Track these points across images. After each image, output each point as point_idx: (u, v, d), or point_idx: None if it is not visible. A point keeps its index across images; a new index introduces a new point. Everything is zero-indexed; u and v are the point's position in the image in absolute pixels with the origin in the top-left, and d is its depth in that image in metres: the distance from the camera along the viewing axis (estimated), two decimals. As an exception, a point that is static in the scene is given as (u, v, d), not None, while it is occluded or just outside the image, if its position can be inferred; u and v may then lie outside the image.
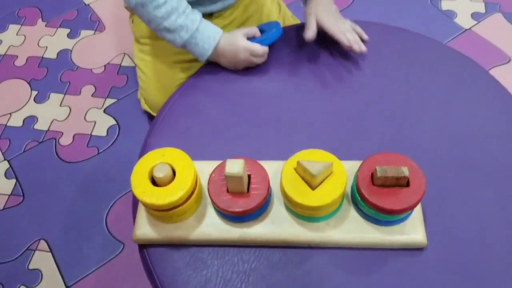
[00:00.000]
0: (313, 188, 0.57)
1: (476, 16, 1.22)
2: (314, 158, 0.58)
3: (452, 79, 0.77)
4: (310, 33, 0.76)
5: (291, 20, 1.00)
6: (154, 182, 0.59)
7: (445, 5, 1.25)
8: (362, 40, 0.78)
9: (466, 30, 1.19)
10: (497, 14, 1.22)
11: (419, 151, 0.64)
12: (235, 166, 0.55)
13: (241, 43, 0.75)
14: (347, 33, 0.77)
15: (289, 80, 0.79)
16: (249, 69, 0.78)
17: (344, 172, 0.58)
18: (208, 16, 0.86)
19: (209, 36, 0.75)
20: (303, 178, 0.58)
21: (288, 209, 0.60)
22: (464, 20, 1.22)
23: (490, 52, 1.15)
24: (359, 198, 0.57)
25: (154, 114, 0.99)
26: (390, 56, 0.80)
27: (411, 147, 0.65)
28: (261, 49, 0.75)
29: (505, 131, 0.71)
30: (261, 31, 0.80)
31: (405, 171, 0.55)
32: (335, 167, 0.58)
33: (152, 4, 0.73)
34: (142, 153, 0.76)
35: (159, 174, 0.58)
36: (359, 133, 0.71)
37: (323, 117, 0.73)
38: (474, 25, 1.20)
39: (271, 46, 0.77)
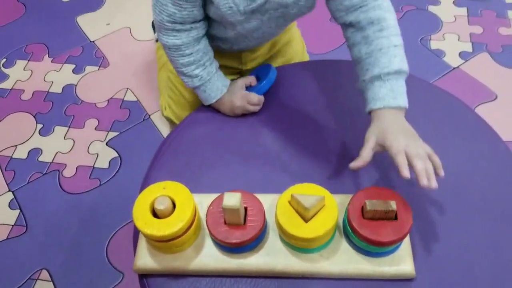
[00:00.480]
0: (306, 220, 0.60)
1: (463, 55, 1.27)
2: (307, 191, 0.61)
3: (439, 117, 0.81)
4: (355, 164, 0.63)
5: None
6: (155, 213, 0.63)
7: (434, 45, 1.30)
8: (436, 174, 0.61)
9: (454, 68, 1.24)
10: (484, 54, 1.27)
11: (407, 186, 0.68)
12: (232, 199, 0.58)
13: (238, 93, 0.80)
14: (416, 159, 0.60)
15: (284, 118, 0.82)
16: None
17: (336, 205, 0.61)
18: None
19: (217, 88, 0.81)
20: (297, 211, 0.61)
21: (283, 240, 0.63)
22: (452, 59, 1.26)
23: (477, 89, 1.19)
24: (350, 231, 0.60)
25: (177, 122, 1.04)
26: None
27: (399, 182, 0.69)
28: (257, 98, 0.80)
29: (490, 167, 0.75)
30: (257, 76, 0.85)
31: (393, 205, 0.59)
32: (327, 201, 0.61)
33: (178, 52, 0.78)
34: (144, 184, 0.79)
35: (160, 207, 0.61)
36: (347, 162, 0.75)
37: (315, 153, 0.77)
38: (462, 64, 1.25)
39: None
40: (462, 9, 1.39)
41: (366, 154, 0.63)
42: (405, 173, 0.59)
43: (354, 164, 0.63)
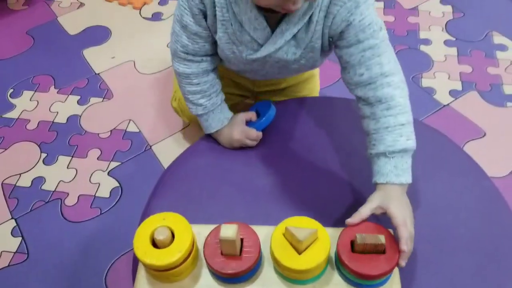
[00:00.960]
0: (299, 252, 0.63)
1: (453, 93, 1.31)
2: (301, 224, 0.65)
3: (427, 154, 0.84)
4: (352, 220, 0.66)
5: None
6: (154, 243, 0.66)
7: (425, 83, 1.34)
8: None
9: (444, 106, 1.28)
10: (473, 92, 1.31)
11: None
12: (229, 231, 0.62)
13: (238, 128, 0.85)
14: (409, 240, 0.64)
15: (281, 152, 0.86)
16: (244, 142, 0.86)
17: (328, 238, 0.64)
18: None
19: (219, 119, 0.85)
20: (290, 243, 0.64)
21: (277, 271, 0.66)
22: (442, 97, 1.30)
23: (466, 127, 1.23)
24: (340, 264, 0.63)
25: (181, 115, 1.14)
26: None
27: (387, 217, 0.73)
28: (255, 134, 0.84)
29: (476, 203, 0.78)
30: (257, 111, 0.89)
31: (382, 238, 0.62)
32: (319, 234, 0.64)
33: (186, 80, 0.84)
34: (145, 214, 0.82)
35: (159, 237, 0.65)
36: (342, 202, 0.78)
37: (310, 187, 0.81)
38: (451, 102, 1.29)
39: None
40: (452, 49, 1.44)
41: (364, 213, 0.67)
42: (403, 262, 0.62)
43: (351, 220, 0.66)
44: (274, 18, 0.73)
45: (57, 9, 1.68)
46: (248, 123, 0.87)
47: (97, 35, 1.57)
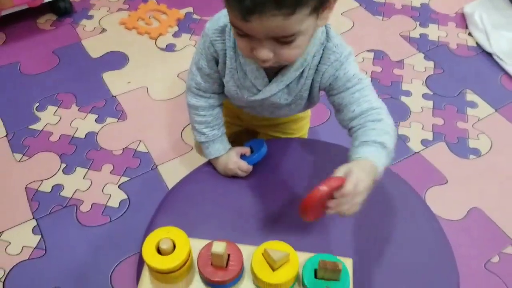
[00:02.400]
0: (273, 270, 0.78)
1: (424, 142, 1.48)
2: (277, 247, 0.80)
3: (388, 196, 1.00)
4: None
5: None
6: (159, 251, 0.82)
7: (401, 130, 1.51)
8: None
9: (415, 153, 1.45)
10: (442, 143, 1.48)
11: (354, 250, 0.87)
12: (219, 247, 0.78)
13: (233, 159, 0.99)
14: (346, 192, 0.69)
15: (268, 184, 1.00)
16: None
17: (297, 261, 0.80)
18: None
19: (217, 149, 1.00)
20: (267, 262, 0.79)
21: (255, 283, 0.81)
22: (414, 145, 1.47)
23: (432, 173, 1.39)
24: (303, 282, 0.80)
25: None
26: None
27: (349, 246, 0.89)
28: (246, 167, 0.98)
29: (423, 239, 0.94)
30: (251, 148, 1.06)
31: (340, 266, 0.79)
32: (291, 257, 0.80)
33: (195, 111, 0.99)
34: (150, 225, 0.96)
35: (163, 246, 0.80)
36: (313, 230, 0.94)
37: (290, 216, 0.94)
38: (422, 150, 1.46)
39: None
40: (429, 102, 1.61)
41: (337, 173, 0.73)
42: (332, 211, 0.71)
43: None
44: (272, 70, 0.89)
45: (81, 32, 1.85)
46: (242, 156, 1.03)
47: (116, 60, 1.74)
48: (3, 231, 1.24)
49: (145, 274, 0.84)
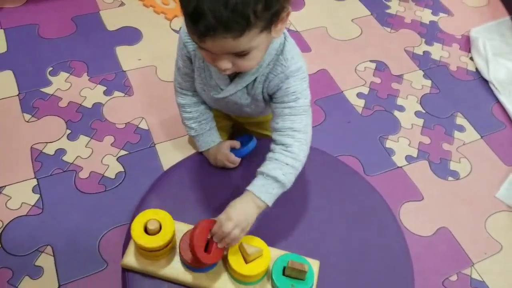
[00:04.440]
0: (247, 262, 0.87)
1: (408, 158, 1.55)
2: (253, 242, 0.88)
3: (360, 207, 1.09)
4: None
5: None
6: (146, 230, 0.90)
7: (388, 144, 1.58)
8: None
9: (398, 167, 1.52)
10: (424, 161, 1.55)
11: (322, 254, 0.96)
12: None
13: (222, 150, 1.08)
14: (216, 231, 0.85)
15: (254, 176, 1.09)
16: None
17: (269, 257, 0.88)
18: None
19: (206, 142, 1.09)
20: (242, 254, 0.87)
21: (228, 272, 0.89)
22: (398, 159, 1.54)
23: (410, 189, 1.47)
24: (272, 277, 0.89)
25: None
26: (322, 182, 1.11)
27: (319, 250, 0.98)
28: (235, 159, 1.07)
29: (387, 250, 1.01)
30: (241, 142, 1.14)
31: (306, 267, 0.88)
32: (264, 253, 0.88)
33: (182, 109, 1.09)
34: (141, 204, 1.04)
35: (150, 226, 0.88)
36: (289, 231, 1.00)
37: (269, 213, 1.03)
38: (405, 165, 1.53)
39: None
40: (419, 120, 1.68)
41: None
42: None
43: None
44: (234, 73, 0.96)
45: (101, 3, 1.91)
46: (232, 149, 1.10)
47: (130, 35, 1.80)
48: (5, 186, 1.33)
49: (130, 248, 0.93)
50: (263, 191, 0.88)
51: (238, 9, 0.72)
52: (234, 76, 0.97)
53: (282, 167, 0.89)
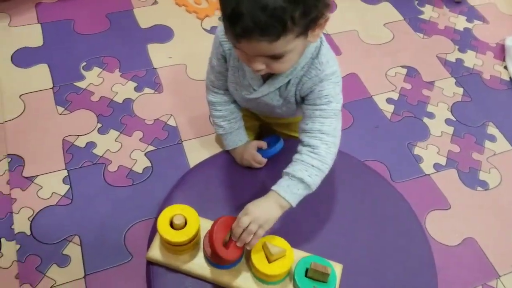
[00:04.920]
0: (269, 261, 0.88)
1: (437, 166, 1.53)
2: (277, 243, 0.89)
3: (386, 213, 1.08)
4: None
5: None
6: (172, 224, 0.92)
7: (417, 151, 1.56)
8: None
9: (425, 175, 1.50)
10: (453, 170, 1.53)
11: (346, 257, 0.96)
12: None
13: (249, 150, 1.09)
14: (234, 227, 0.86)
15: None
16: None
17: (292, 258, 0.89)
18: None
19: (234, 141, 1.10)
20: (265, 253, 0.88)
21: (250, 270, 0.91)
22: (427, 167, 1.52)
23: (437, 197, 1.45)
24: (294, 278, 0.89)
25: None
26: (349, 186, 1.11)
27: (343, 253, 0.97)
28: (261, 159, 1.08)
29: (412, 258, 1.01)
30: (268, 143, 1.14)
31: (329, 270, 0.88)
32: (287, 253, 0.89)
33: (212, 107, 1.11)
34: (167, 199, 1.05)
35: (176, 221, 0.90)
36: (314, 233, 1.01)
37: (294, 214, 1.01)
38: (433, 173, 1.51)
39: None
40: (449, 128, 1.66)
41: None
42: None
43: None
44: (267, 74, 0.97)
45: (135, 0, 1.94)
46: (259, 150, 1.11)
47: (162, 33, 1.82)
48: (37, 175, 1.36)
49: (156, 242, 0.95)
50: (287, 191, 0.89)
51: (276, 14, 0.73)
52: (267, 77, 0.98)
53: (308, 168, 0.90)
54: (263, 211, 0.86)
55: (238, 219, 0.85)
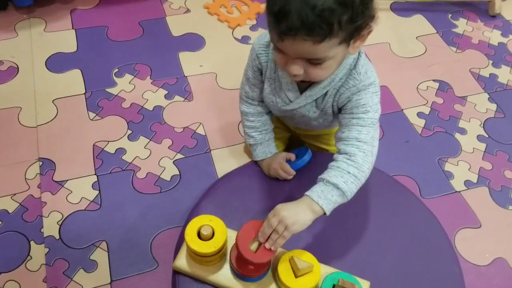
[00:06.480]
0: (296, 276, 0.87)
1: (468, 183, 1.50)
2: (304, 257, 0.88)
3: (416, 231, 1.07)
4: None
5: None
6: (199, 235, 0.92)
7: (447, 167, 1.53)
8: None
9: (456, 192, 1.47)
10: (484, 188, 1.49)
11: (374, 275, 0.94)
12: (252, 245, 0.87)
13: (278, 160, 1.09)
14: (264, 228, 0.85)
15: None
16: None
17: (319, 274, 0.88)
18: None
19: (263, 152, 1.11)
20: (292, 268, 0.88)
21: (277, 284, 0.90)
22: (457, 184, 1.49)
23: (467, 215, 1.42)
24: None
25: None
26: (378, 201, 1.10)
27: (370, 270, 0.96)
28: (290, 170, 1.08)
29: (441, 278, 0.99)
30: (297, 155, 1.14)
31: (356, 287, 0.87)
32: (314, 268, 0.88)
33: (245, 117, 1.12)
34: (195, 208, 1.06)
35: (204, 232, 0.90)
36: (341, 249, 1.00)
37: (323, 229, 1.02)
38: (463, 190, 1.48)
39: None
40: (482, 145, 1.62)
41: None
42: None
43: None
44: (304, 85, 0.98)
45: (167, 9, 1.97)
46: (287, 161, 1.11)
47: (193, 42, 1.84)
48: (67, 180, 1.39)
49: (183, 251, 0.96)
50: (321, 196, 0.87)
51: (324, 15, 0.74)
52: (304, 89, 0.98)
53: (343, 175, 0.89)
54: (291, 212, 0.85)
55: (267, 219, 0.85)
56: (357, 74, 0.93)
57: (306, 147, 1.15)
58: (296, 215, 0.85)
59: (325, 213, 0.88)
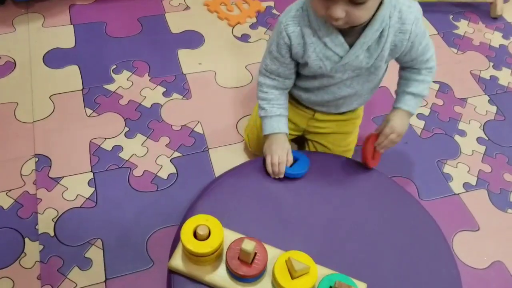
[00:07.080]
0: (292, 278, 0.86)
1: (467, 186, 1.49)
2: (301, 258, 0.87)
3: (414, 234, 1.06)
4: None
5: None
6: (195, 235, 0.91)
7: (446, 169, 1.52)
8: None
9: (454, 194, 1.46)
10: (483, 190, 1.48)
11: (370, 277, 0.94)
12: (249, 245, 0.87)
13: (282, 145, 1.11)
14: (384, 136, 1.11)
15: (310, 195, 1.08)
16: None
17: (316, 275, 0.87)
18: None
19: (272, 126, 1.13)
20: (288, 269, 0.87)
21: (273, 285, 0.89)
22: (456, 186, 1.48)
23: (465, 218, 1.41)
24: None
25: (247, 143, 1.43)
26: (375, 203, 1.10)
27: (367, 272, 0.95)
28: (281, 172, 1.08)
29: (439, 282, 0.99)
30: (295, 159, 1.12)
31: None
32: (311, 270, 0.88)
33: (260, 87, 1.14)
34: (191, 208, 1.05)
35: (200, 232, 0.90)
36: (339, 250, 0.99)
37: (323, 230, 1.02)
38: (462, 193, 1.47)
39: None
40: (481, 147, 1.61)
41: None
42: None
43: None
44: (348, 35, 1.00)
45: (167, 5, 1.95)
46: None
47: (193, 39, 1.83)
48: (63, 177, 1.37)
49: (179, 250, 0.95)
50: (415, 107, 1.13)
51: None
52: (350, 41, 1.01)
53: (428, 86, 1.13)
54: (402, 126, 1.12)
55: (386, 135, 1.11)
56: (409, 8, 0.99)
57: (307, 160, 1.12)
58: (404, 126, 1.13)
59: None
